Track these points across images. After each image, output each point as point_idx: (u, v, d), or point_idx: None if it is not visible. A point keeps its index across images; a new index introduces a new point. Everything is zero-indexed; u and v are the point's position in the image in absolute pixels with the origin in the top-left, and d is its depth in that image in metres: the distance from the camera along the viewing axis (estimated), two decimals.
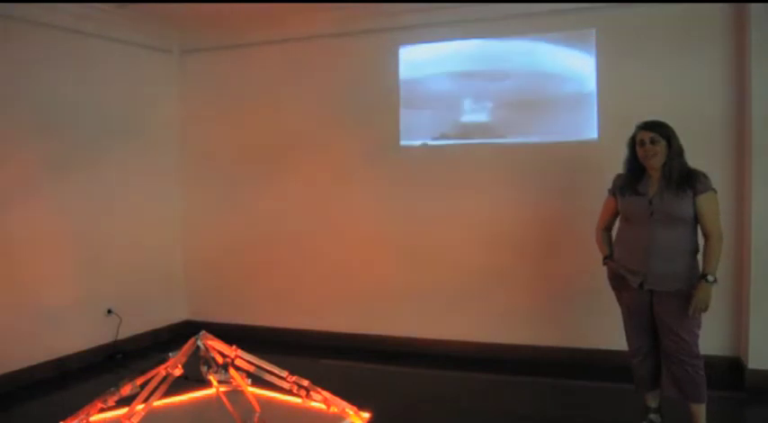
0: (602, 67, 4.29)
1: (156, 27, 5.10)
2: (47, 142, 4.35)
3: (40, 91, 4.30)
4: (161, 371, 2.48)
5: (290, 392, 2.78)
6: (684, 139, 3.01)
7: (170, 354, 2.54)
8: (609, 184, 3.21)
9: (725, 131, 4.05)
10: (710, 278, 2.87)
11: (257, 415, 2.70)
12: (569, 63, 4.40)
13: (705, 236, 2.95)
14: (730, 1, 3.98)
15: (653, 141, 2.94)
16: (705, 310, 2.90)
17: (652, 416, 3.21)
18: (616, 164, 3.16)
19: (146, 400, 2.43)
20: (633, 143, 3.05)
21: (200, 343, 2.54)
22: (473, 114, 4.65)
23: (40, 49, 4.30)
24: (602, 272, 3.27)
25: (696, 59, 4.08)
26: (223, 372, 2.60)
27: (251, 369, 2.66)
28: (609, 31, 4.27)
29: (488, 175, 4.60)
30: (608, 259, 3.22)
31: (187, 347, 2.53)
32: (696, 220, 2.95)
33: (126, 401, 2.51)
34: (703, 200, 2.90)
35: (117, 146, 4.86)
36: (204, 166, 5.43)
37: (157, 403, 2.50)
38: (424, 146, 4.75)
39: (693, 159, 3.03)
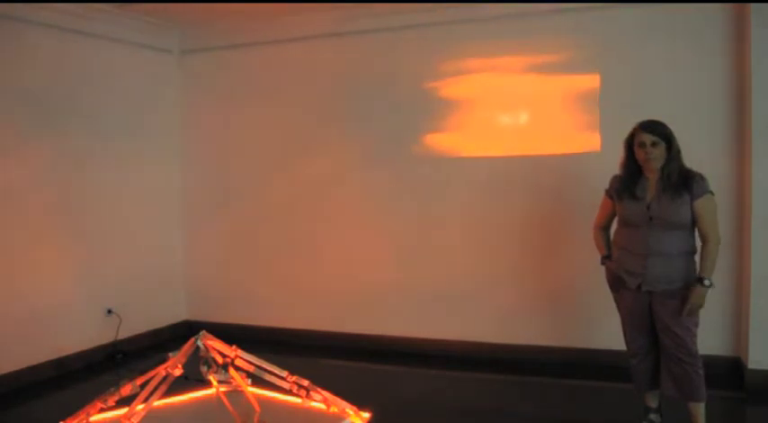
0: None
1: (156, 27, 5.10)
2: (46, 142, 4.34)
3: (39, 91, 4.29)
4: (161, 371, 2.48)
5: (290, 392, 2.77)
6: (685, 139, 3.01)
7: (170, 354, 2.53)
8: (607, 185, 3.21)
9: (725, 131, 4.04)
10: (707, 282, 2.88)
11: (257, 415, 2.70)
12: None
13: (702, 239, 2.94)
14: (730, 0, 3.98)
15: (654, 144, 2.91)
16: (700, 307, 2.92)
17: (652, 416, 3.21)
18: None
19: (146, 400, 2.43)
20: (630, 143, 3.02)
21: (200, 343, 2.54)
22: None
23: (41, 49, 4.30)
24: (601, 272, 3.27)
25: (696, 60, 4.08)
26: (223, 372, 2.60)
27: (251, 369, 2.66)
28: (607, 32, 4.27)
29: (488, 175, 4.60)
30: (606, 259, 3.22)
31: (187, 347, 2.53)
32: (694, 223, 2.94)
33: (126, 401, 2.50)
34: (701, 204, 2.90)
35: (117, 146, 4.86)
36: (204, 166, 5.43)
37: (157, 403, 2.50)
38: None
39: (694, 159, 3.03)
